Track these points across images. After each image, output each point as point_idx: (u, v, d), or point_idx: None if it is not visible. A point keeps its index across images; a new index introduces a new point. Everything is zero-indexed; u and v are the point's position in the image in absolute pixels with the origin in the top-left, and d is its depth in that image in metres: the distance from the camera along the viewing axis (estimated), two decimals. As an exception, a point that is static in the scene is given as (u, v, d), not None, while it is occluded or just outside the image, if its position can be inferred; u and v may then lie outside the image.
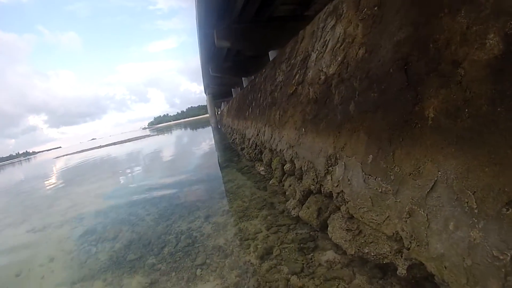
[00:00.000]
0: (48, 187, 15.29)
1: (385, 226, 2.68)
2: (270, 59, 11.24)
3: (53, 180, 18.29)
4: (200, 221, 5.61)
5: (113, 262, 4.71)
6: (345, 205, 3.33)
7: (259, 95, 9.82)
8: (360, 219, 3.05)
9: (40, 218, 8.67)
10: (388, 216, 2.64)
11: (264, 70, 9.75)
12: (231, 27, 10.68)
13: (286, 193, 5.54)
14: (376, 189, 2.79)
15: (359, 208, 3.05)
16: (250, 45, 11.34)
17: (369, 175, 2.92)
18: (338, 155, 3.62)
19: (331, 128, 3.95)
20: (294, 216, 4.63)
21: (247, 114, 12.15)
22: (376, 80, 2.99)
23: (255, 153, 8.85)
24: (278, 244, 4.08)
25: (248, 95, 12.74)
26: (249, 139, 10.33)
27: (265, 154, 7.50)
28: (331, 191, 3.72)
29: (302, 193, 4.48)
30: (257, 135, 9.10)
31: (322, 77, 4.44)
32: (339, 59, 3.96)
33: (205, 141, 23.00)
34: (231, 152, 13.14)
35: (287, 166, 5.50)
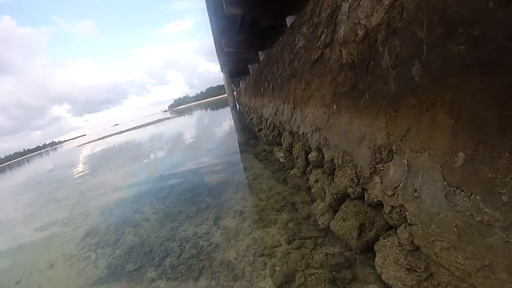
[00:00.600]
0: (72, 177, 14.94)
1: (479, 280, 1.49)
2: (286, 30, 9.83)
3: (73, 171, 17.98)
4: (209, 224, 4.62)
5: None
6: (406, 228, 2.13)
7: (275, 67, 8.51)
8: (434, 257, 1.85)
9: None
10: (488, 265, 1.45)
11: (281, 38, 8.38)
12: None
13: (312, 190, 4.35)
14: (470, 214, 1.58)
15: (433, 240, 1.86)
16: (264, 11, 9.86)
17: (457, 188, 1.70)
18: (394, 147, 2.37)
19: (379, 104, 2.69)
20: (323, 227, 3.46)
21: (263, 90, 10.86)
22: (463, 21, 1.71)
23: (273, 135, 7.64)
24: (302, 267, 3.04)
25: (264, 69, 11.39)
26: (267, 119, 9.11)
27: (284, 138, 6.28)
28: (380, 201, 2.51)
29: (335, 196, 3.28)
30: (275, 114, 7.86)
31: (361, 32, 3.13)
32: (386, 2, 2.64)
33: (222, 122, 21.96)
34: (248, 134, 11.98)
35: (312, 155, 4.28)
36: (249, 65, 25.49)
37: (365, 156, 2.82)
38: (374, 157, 2.64)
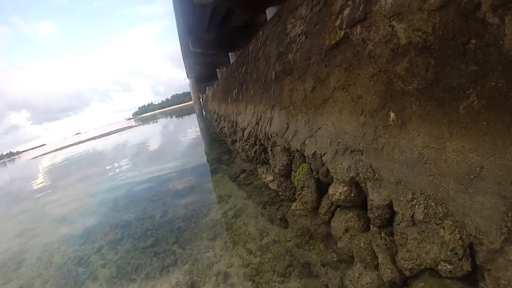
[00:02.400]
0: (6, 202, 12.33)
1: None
2: (269, 16, 8.30)
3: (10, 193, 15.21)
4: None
5: None
6: None
7: (256, 66, 6.94)
8: None
9: None
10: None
11: (261, 32, 6.89)
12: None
13: (338, 244, 2.75)
14: None
15: None
16: (241, 1, 8.23)
17: None
18: None
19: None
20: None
21: (236, 95, 9.23)
22: None
23: (255, 151, 6.02)
24: None
25: (237, 71, 9.81)
26: (243, 129, 7.48)
27: (275, 156, 4.69)
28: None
29: (408, 271, 1.75)
30: (257, 123, 6.26)
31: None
32: None
33: (188, 131, 20.04)
34: (219, 146, 10.25)
35: (339, 191, 2.69)
36: (217, 70, 23.79)
37: (486, 211, 1.29)
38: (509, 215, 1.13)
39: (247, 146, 6.61)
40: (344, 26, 2.91)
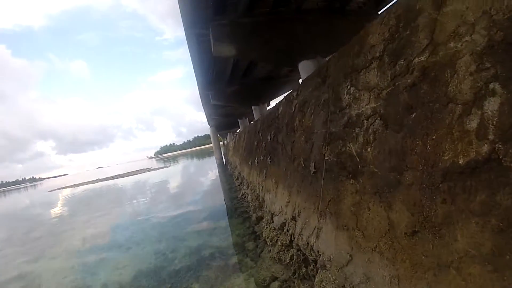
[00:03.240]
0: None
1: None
2: (303, 72, 6.96)
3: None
4: None
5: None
6: None
7: (290, 138, 5.50)
8: None
9: None
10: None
11: (295, 94, 5.56)
12: (236, 23, 6.44)
13: None
14: None
15: None
16: (270, 49, 6.91)
17: None
18: None
19: None
20: None
21: (263, 166, 7.72)
22: None
23: (292, 257, 4.38)
24: None
25: (263, 133, 8.40)
26: (273, 214, 5.90)
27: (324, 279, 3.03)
28: None
29: None
30: (293, 219, 4.67)
31: None
32: None
33: (207, 183, 18.55)
34: (242, 221, 8.54)
35: None
36: (239, 120, 22.78)
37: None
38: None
39: (280, 244, 4.95)
40: (490, 136, 1.35)
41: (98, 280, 6.68)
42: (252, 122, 13.75)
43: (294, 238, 4.49)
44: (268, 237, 5.79)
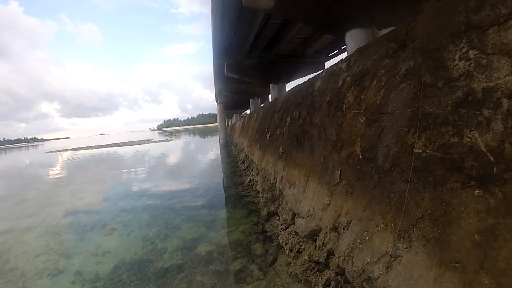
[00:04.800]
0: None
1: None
2: (351, 44, 5.48)
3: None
4: None
5: None
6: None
7: (333, 119, 4.11)
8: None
9: None
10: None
11: (348, 63, 4.16)
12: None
13: None
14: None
15: None
16: (318, 4, 5.35)
17: None
18: None
19: None
20: None
21: (285, 152, 6.32)
22: None
23: (329, 283, 3.04)
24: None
25: (285, 113, 6.99)
26: (297, 214, 4.54)
27: None
28: None
29: None
30: (334, 229, 3.32)
31: None
32: None
33: (207, 158, 17.28)
34: (247, 214, 7.17)
35: None
36: (250, 99, 21.24)
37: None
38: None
39: (307, 258, 3.61)
40: None
41: (72, 265, 5.47)
42: (269, 102, 12.28)
43: (334, 257, 3.15)
44: (286, 244, 4.45)
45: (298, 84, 6.94)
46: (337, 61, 4.82)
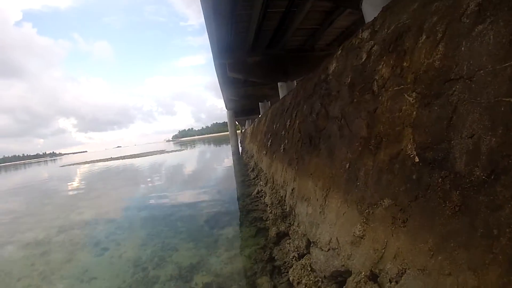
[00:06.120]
0: None
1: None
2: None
3: None
4: None
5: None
6: None
7: (362, 107, 2.82)
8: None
9: None
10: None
11: (374, 24, 2.83)
12: None
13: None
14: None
15: None
16: None
17: None
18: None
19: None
20: None
21: (298, 156, 5.05)
22: None
23: None
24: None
25: (296, 109, 5.74)
26: (315, 245, 3.27)
27: None
28: None
29: None
30: (372, 277, 2.03)
31: None
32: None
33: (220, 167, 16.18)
34: (255, 233, 5.91)
35: None
36: (260, 103, 20.02)
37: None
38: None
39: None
40: None
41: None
42: (276, 103, 11.10)
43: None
44: (299, 283, 3.18)
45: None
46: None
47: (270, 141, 8.65)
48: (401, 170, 2.11)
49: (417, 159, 1.96)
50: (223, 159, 24.74)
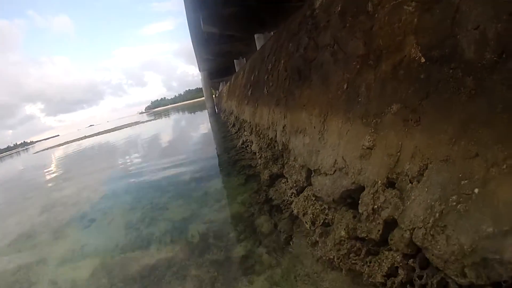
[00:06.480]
0: None
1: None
2: None
3: None
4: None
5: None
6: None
7: (355, 28, 2.63)
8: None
9: None
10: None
11: None
12: None
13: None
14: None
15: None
16: None
17: None
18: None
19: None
20: None
21: (283, 92, 4.87)
22: None
23: (397, 274, 1.73)
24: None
25: (280, 52, 5.48)
26: (317, 173, 3.18)
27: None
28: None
29: None
30: (390, 185, 1.96)
31: None
32: None
33: (198, 131, 15.90)
34: (245, 180, 5.85)
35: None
36: (235, 61, 19.42)
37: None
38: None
39: (344, 233, 2.32)
40: None
41: (44, 275, 4.24)
42: (255, 53, 10.69)
43: (399, 230, 1.83)
44: (305, 214, 3.13)
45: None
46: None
47: (250, 90, 8.41)
48: (407, 74, 2.03)
49: (423, 60, 1.90)
50: (202, 122, 24.37)
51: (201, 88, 30.50)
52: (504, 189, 1.30)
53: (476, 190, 1.40)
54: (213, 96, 35.01)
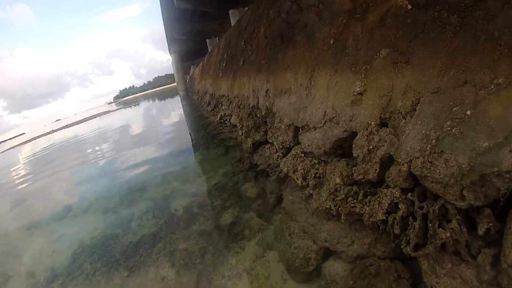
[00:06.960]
0: None
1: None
2: None
3: None
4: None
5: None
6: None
7: None
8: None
9: None
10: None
11: None
12: None
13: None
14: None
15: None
16: None
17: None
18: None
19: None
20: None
21: (265, 58, 4.84)
22: None
23: (395, 216, 1.80)
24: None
25: (260, 21, 5.43)
26: (305, 129, 3.22)
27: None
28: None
29: None
30: (383, 124, 2.03)
31: None
32: None
33: (170, 116, 15.59)
34: (225, 151, 5.84)
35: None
36: (207, 40, 18.99)
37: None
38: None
39: (339, 181, 2.39)
40: None
41: (21, 266, 4.05)
42: (231, 29, 10.48)
43: (396, 165, 1.91)
44: (295, 171, 3.17)
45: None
46: None
47: (227, 64, 8.30)
48: (394, 21, 2.12)
49: (409, 7, 2.00)
50: (173, 109, 23.86)
51: (171, 74, 29.68)
52: (494, 107, 1.39)
53: (468, 112, 1.50)
54: (185, 79, 34.28)
